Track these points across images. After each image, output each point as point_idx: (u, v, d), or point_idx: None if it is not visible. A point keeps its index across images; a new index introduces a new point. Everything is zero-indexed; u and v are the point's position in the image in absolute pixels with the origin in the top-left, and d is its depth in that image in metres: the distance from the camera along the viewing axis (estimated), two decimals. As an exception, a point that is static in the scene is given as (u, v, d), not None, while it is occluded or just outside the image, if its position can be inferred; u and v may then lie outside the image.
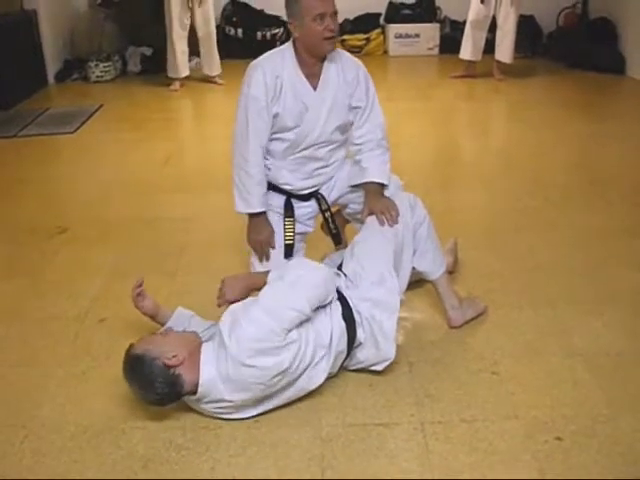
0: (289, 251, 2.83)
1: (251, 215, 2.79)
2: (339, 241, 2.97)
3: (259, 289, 2.34)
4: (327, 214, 2.89)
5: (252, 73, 2.65)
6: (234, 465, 2.08)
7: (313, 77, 2.69)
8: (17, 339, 2.75)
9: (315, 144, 2.74)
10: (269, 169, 2.80)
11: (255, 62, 2.69)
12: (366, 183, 2.74)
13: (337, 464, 2.08)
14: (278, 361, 2.12)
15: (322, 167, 2.82)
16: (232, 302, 2.35)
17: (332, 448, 2.13)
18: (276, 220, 2.83)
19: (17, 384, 2.48)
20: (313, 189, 2.86)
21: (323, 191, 2.87)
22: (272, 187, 2.84)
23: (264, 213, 2.79)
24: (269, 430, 2.21)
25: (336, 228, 2.93)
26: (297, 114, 2.68)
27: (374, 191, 2.71)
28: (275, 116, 2.67)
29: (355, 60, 2.79)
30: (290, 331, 2.15)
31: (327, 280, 2.29)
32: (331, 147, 2.79)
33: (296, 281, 2.21)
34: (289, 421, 2.25)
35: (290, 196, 2.84)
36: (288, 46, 2.69)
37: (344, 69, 2.72)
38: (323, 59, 2.68)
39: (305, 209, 2.88)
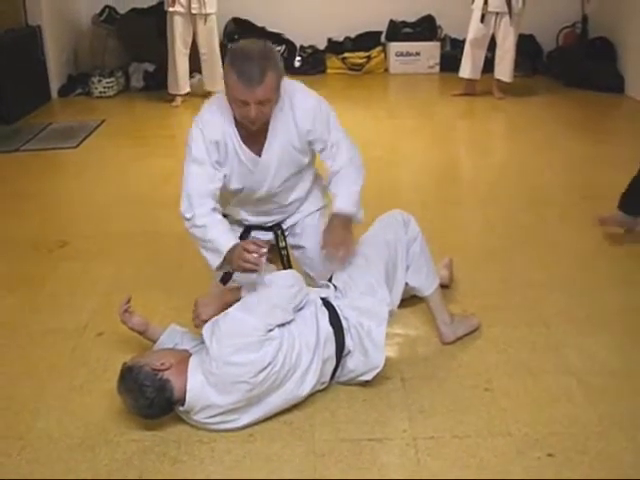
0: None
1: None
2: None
3: (233, 305, 2.40)
4: (284, 252, 2.85)
5: (192, 133, 2.51)
6: (228, 478, 2.10)
7: (256, 141, 2.52)
8: (16, 352, 2.78)
9: (266, 196, 2.69)
10: (225, 208, 2.75)
11: (196, 120, 2.53)
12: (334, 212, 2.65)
13: (330, 479, 2.09)
14: (259, 356, 2.18)
15: (279, 207, 2.77)
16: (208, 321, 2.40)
17: (325, 463, 2.15)
18: None
19: (15, 396, 2.50)
20: (272, 222, 2.84)
21: (284, 226, 2.85)
22: (230, 220, 2.79)
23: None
24: (263, 444, 2.23)
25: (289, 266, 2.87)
26: (243, 176, 2.60)
27: (337, 221, 2.61)
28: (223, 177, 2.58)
29: (311, 105, 2.56)
30: (271, 329, 2.23)
31: (298, 279, 2.40)
32: (285, 190, 2.71)
33: (269, 284, 2.31)
34: (283, 435, 2.27)
35: (249, 227, 2.85)
36: (227, 107, 2.46)
37: (297, 122, 2.53)
38: (266, 123, 2.49)
39: (264, 236, 2.82)
